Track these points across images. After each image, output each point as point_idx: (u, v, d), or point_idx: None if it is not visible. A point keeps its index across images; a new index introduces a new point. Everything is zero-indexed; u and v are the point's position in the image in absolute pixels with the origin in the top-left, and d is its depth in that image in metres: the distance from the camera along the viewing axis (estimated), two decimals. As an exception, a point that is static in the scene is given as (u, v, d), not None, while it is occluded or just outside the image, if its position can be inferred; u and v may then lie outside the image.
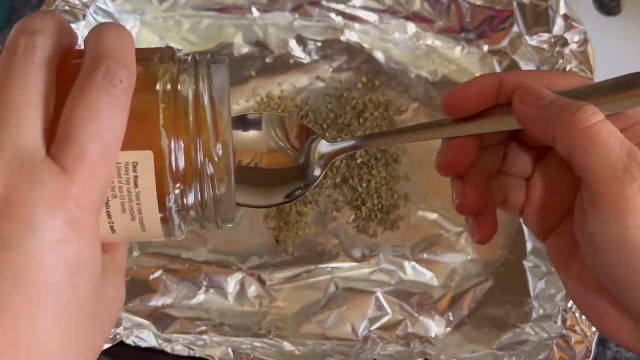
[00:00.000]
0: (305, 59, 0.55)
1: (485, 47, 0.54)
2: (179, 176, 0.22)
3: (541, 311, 0.45)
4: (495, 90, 0.27)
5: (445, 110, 0.28)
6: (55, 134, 0.21)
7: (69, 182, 0.20)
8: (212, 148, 0.23)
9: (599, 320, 0.26)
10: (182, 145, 0.22)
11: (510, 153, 0.30)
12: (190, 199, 0.23)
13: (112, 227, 0.23)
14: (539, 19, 0.51)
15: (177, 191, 0.23)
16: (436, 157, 0.29)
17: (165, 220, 0.23)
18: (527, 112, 0.26)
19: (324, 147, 0.30)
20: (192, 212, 0.24)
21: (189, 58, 0.25)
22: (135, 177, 0.22)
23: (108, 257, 0.24)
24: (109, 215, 0.22)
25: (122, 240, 0.25)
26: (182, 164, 0.22)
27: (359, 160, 0.51)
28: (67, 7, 0.51)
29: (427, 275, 0.49)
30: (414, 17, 0.55)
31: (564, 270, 0.28)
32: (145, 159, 0.22)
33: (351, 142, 0.30)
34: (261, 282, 0.48)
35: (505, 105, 0.27)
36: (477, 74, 0.53)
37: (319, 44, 0.55)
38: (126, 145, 0.21)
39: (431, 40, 0.55)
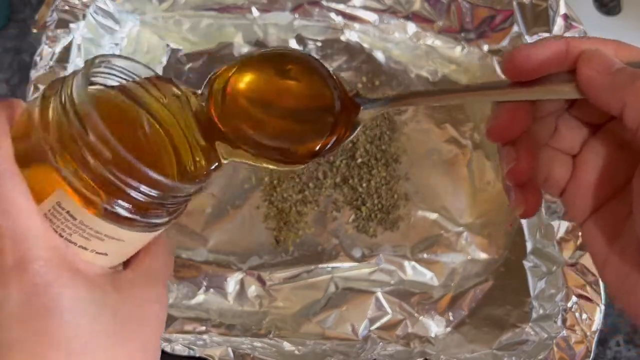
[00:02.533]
0: (305, 59, 0.55)
1: (486, 47, 0.54)
2: (97, 189, 0.23)
3: (541, 311, 0.45)
4: (563, 56, 0.26)
5: (507, 70, 0.27)
6: None
7: None
8: (99, 149, 0.22)
9: (637, 307, 0.25)
10: (76, 164, 0.22)
11: (562, 127, 0.29)
12: (123, 198, 0.23)
13: (98, 253, 0.24)
14: (539, 19, 0.51)
15: (106, 202, 0.23)
16: (488, 122, 0.28)
17: (128, 224, 0.24)
18: (593, 78, 0.25)
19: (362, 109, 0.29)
20: (141, 198, 0.24)
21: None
22: (68, 212, 0.23)
23: (128, 271, 0.25)
24: (84, 247, 0.23)
25: (122, 258, 0.26)
26: (90, 177, 0.23)
27: (359, 160, 0.51)
28: (67, 7, 0.51)
29: (427, 275, 0.49)
30: (414, 17, 0.55)
31: (602, 253, 0.27)
32: (61, 196, 0.23)
33: (391, 98, 0.29)
34: (261, 282, 0.48)
35: (566, 72, 0.26)
36: (477, 74, 0.54)
37: (319, 44, 0.55)
38: (41, 195, 0.23)
39: (431, 40, 0.55)
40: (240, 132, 0.28)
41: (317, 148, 0.29)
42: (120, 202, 0.23)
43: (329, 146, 0.29)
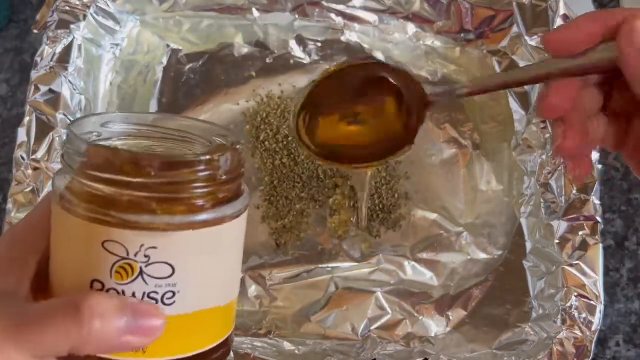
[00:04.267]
0: (305, 59, 0.55)
1: (485, 48, 0.54)
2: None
3: (541, 311, 0.45)
4: (600, 34, 0.27)
5: (547, 49, 0.29)
6: None
7: None
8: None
9: None
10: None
11: (615, 91, 0.29)
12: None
13: None
14: (539, 19, 0.51)
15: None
16: (538, 100, 0.31)
17: None
18: (633, 56, 0.26)
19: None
20: None
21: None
22: None
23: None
24: None
25: None
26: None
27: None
28: (67, 8, 0.51)
29: (426, 275, 0.49)
30: (414, 17, 0.55)
31: None
32: None
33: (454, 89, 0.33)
34: (261, 281, 0.48)
35: (610, 40, 0.27)
36: (477, 75, 0.54)
37: (319, 44, 0.55)
38: None
39: (431, 40, 0.55)
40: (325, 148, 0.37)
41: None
42: None
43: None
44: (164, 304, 0.23)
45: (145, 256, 0.23)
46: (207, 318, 0.25)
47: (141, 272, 0.23)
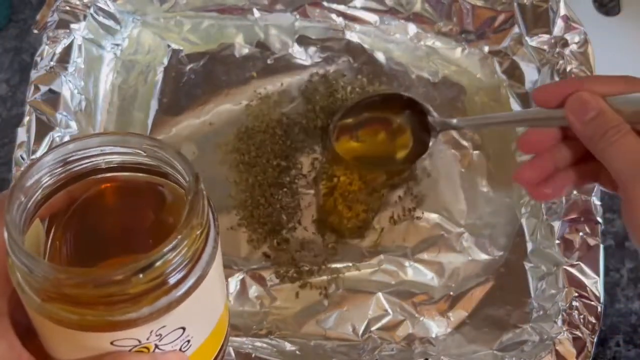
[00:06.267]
0: (306, 60, 0.55)
1: (486, 48, 0.54)
2: None
3: (541, 312, 0.45)
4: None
5: (535, 102, 0.37)
6: None
7: None
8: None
9: None
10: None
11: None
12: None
13: None
14: (540, 20, 0.52)
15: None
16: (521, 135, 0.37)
17: None
18: (572, 123, 0.32)
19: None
20: None
21: None
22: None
23: None
24: None
25: None
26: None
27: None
28: (67, 8, 0.51)
29: (427, 276, 0.49)
30: (415, 18, 0.55)
31: None
32: None
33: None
34: (262, 282, 0.48)
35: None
36: (478, 75, 0.54)
37: (320, 45, 0.55)
38: None
39: (432, 41, 0.55)
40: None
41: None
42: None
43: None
44: (182, 351, 0.24)
45: (157, 335, 0.23)
46: (213, 336, 0.26)
47: (157, 347, 0.23)
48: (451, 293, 0.48)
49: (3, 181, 0.55)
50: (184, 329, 0.23)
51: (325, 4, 0.55)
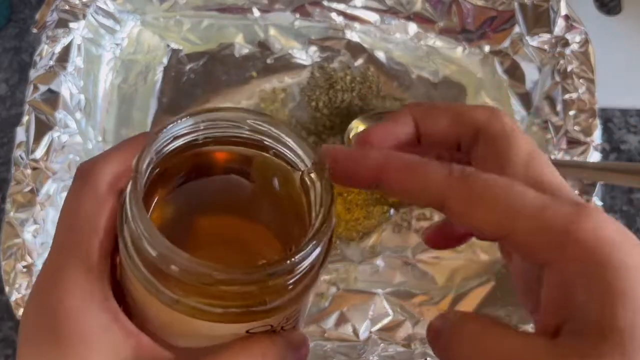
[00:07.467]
0: (306, 59, 0.55)
1: (487, 48, 0.54)
2: None
3: (542, 312, 0.45)
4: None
5: None
6: None
7: None
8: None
9: None
10: None
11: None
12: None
13: None
14: (540, 20, 0.51)
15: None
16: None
17: None
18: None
19: None
20: None
21: None
22: None
23: None
24: None
25: None
26: None
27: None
28: (67, 7, 0.51)
29: (428, 276, 0.48)
30: (415, 17, 0.55)
31: None
32: None
33: None
34: (262, 282, 0.48)
35: None
36: (479, 75, 0.54)
37: (320, 45, 0.55)
38: None
39: (432, 40, 0.55)
40: None
41: None
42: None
43: None
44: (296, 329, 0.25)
45: (287, 319, 0.23)
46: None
47: (282, 328, 0.23)
48: (452, 293, 0.48)
49: (2, 181, 0.54)
50: (299, 309, 0.23)
51: (325, 3, 0.55)
